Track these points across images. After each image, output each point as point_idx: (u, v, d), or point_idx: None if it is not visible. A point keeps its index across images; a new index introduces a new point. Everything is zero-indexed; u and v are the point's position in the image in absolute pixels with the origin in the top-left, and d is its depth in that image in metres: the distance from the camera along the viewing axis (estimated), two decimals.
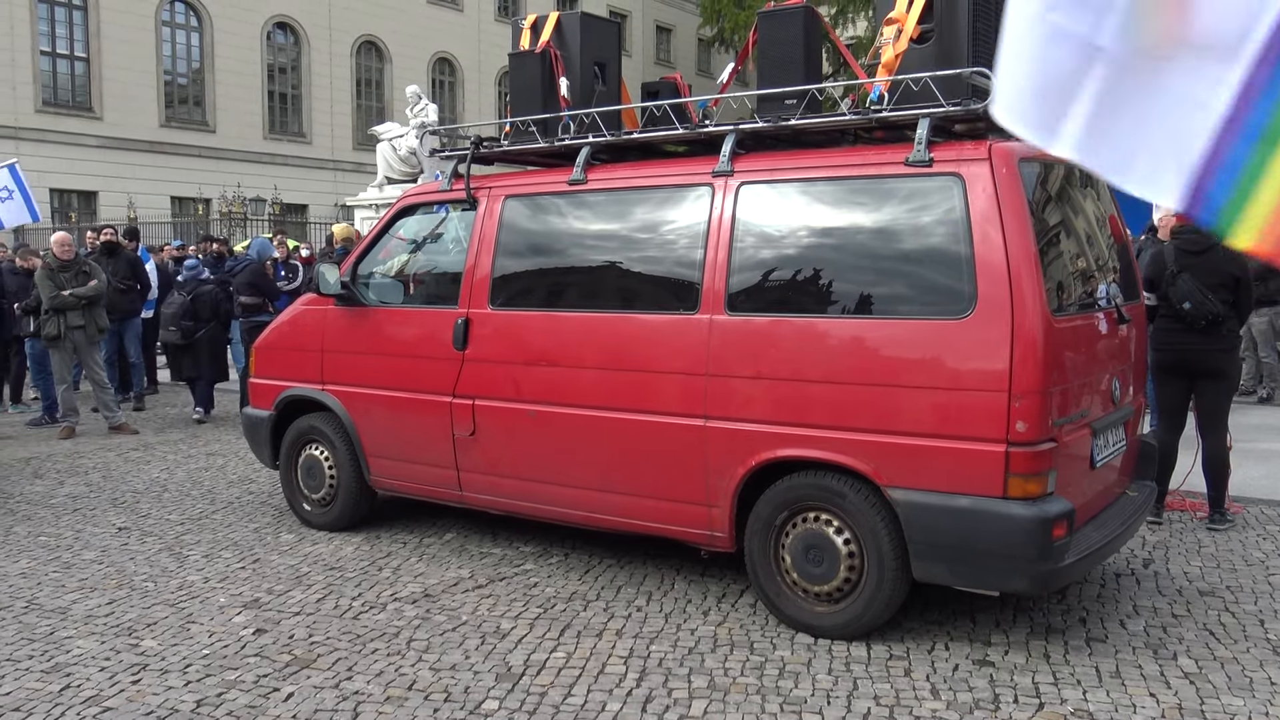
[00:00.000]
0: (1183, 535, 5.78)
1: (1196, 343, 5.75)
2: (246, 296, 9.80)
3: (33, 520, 6.36)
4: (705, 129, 4.87)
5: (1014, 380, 3.81)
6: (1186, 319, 5.70)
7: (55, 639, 4.35)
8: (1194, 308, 5.65)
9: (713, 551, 4.79)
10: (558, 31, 5.44)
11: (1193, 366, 5.81)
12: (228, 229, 20.84)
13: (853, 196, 4.32)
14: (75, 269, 9.37)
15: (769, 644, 4.24)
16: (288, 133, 32.44)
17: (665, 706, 3.66)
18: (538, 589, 4.94)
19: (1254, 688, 3.79)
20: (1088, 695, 3.73)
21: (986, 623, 4.44)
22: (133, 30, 28.02)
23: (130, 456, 8.43)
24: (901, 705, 3.66)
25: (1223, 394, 5.90)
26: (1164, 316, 5.82)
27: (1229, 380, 5.96)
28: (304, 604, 4.76)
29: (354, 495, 5.89)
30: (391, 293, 5.82)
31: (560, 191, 5.15)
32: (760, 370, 4.36)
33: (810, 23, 4.75)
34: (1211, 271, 5.69)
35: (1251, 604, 4.68)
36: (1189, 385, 5.89)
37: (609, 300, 4.92)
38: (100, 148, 27.39)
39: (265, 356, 6.28)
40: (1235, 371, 6.21)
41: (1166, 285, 5.74)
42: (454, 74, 37.46)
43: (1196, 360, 5.79)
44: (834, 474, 4.24)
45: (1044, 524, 3.79)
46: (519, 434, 5.10)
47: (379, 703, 3.72)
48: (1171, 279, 5.72)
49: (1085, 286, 4.59)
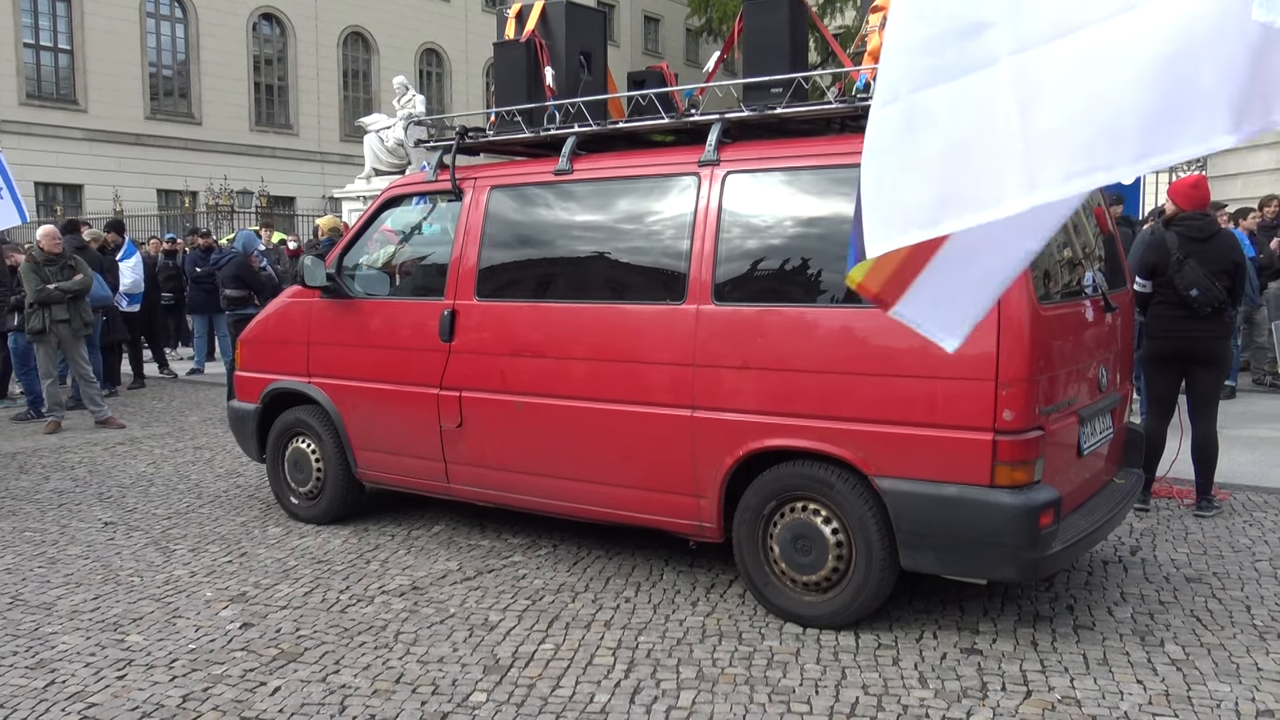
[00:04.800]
0: (1170, 522, 5.80)
1: (1198, 329, 5.72)
2: (232, 290, 9.76)
3: (18, 515, 6.32)
4: (691, 118, 4.85)
5: (1001, 368, 3.81)
6: (1193, 305, 5.66)
7: (40, 634, 4.33)
8: (1201, 294, 5.61)
9: (701, 542, 4.78)
10: (543, 21, 5.41)
11: (1190, 353, 5.78)
12: (215, 222, 20.72)
13: (839, 185, 4.30)
14: (61, 263, 9.31)
15: (757, 634, 4.24)
16: (274, 125, 32.29)
17: (654, 697, 3.65)
18: (526, 581, 4.93)
19: (1240, 673, 3.81)
20: (1075, 682, 3.74)
21: (974, 611, 4.44)
22: (117, 22, 27.83)
23: (117, 451, 8.39)
24: (890, 694, 3.66)
25: (1217, 380, 5.91)
26: (1163, 303, 5.78)
27: (1224, 366, 5.98)
28: (291, 597, 4.74)
29: (341, 488, 5.87)
30: (377, 284, 5.80)
31: (546, 182, 5.12)
32: (747, 360, 4.35)
33: (796, 11, 4.74)
34: (1216, 258, 5.68)
35: (1238, 590, 4.70)
36: (1182, 372, 5.89)
37: (595, 291, 4.90)
38: (85, 140, 27.23)
39: (251, 349, 6.25)
40: (1230, 357, 6.23)
41: (1172, 272, 5.68)
42: (441, 65, 37.30)
43: (1195, 347, 5.76)
44: (822, 463, 4.24)
45: (1031, 512, 3.79)
46: (506, 425, 5.08)
47: (366, 696, 3.70)
48: (1178, 265, 5.66)
49: (1072, 275, 4.58)
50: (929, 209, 2.57)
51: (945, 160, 2.54)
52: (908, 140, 2.60)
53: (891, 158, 2.64)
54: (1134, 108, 2.23)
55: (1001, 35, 2.43)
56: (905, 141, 2.61)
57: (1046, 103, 2.36)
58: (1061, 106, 2.34)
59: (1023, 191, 2.41)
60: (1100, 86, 2.28)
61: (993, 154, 2.45)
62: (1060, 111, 2.34)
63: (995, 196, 2.47)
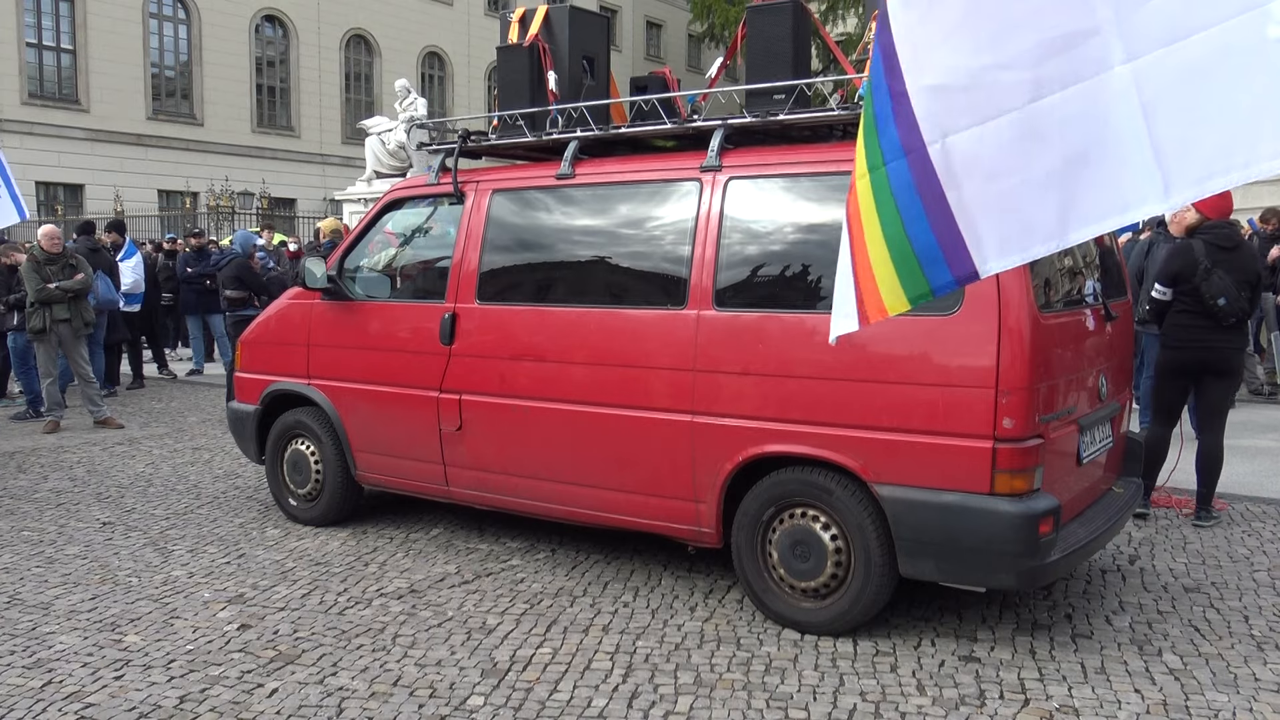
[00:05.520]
0: (1168, 532, 5.79)
1: (1218, 340, 5.67)
2: (232, 290, 9.75)
3: (16, 515, 6.31)
4: (693, 124, 4.86)
5: (1001, 376, 3.81)
6: (1218, 314, 5.59)
7: (37, 634, 4.32)
8: (1229, 303, 5.56)
9: (700, 547, 4.78)
10: (546, 25, 5.42)
11: (1208, 364, 5.72)
12: (215, 223, 20.74)
13: (840, 192, 4.28)
14: (62, 262, 9.32)
15: (755, 640, 4.23)
16: (276, 126, 32.32)
17: (651, 702, 3.65)
18: (524, 584, 4.92)
19: (1238, 683, 3.80)
20: (1073, 691, 3.74)
21: (973, 619, 4.44)
22: (119, 22, 27.87)
23: (115, 451, 8.38)
24: (887, 701, 3.66)
25: (1229, 391, 5.88)
26: (1184, 312, 5.70)
27: (1237, 377, 5.94)
28: (289, 599, 4.74)
29: (340, 490, 5.87)
30: (378, 287, 5.79)
31: (548, 186, 5.13)
32: (748, 366, 4.36)
33: (799, 18, 4.75)
34: (1240, 268, 5.64)
35: (1236, 600, 4.70)
36: (1194, 382, 5.84)
37: (596, 295, 4.90)
38: (87, 140, 27.25)
39: (251, 351, 6.25)
40: (1241, 368, 6.19)
41: (1200, 280, 5.60)
42: (443, 68, 37.34)
43: (1213, 358, 5.70)
44: (821, 470, 4.24)
45: (1030, 520, 3.79)
46: (506, 429, 5.08)
47: (364, 699, 3.70)
48: (1205, 274, 5.59)
49: (1072, 283, 4.59)
50: (1053, 221, 2.61)
51: (1064, 172, 2.57)
52: (1018, 157, 2.62)
53: (1004, 179, 2.65)
54: (1268, 106, 2.26)
55: (1110, 43, 2.45)
56: (1015, 159, 2.62)
57: (1172, 107, 2.39)
58: (1190, 110, 2.37)
59: (1159, 195, 2.46)
60: (1229, 87, 2.31)
61: (1118, 161, 2.49)
62: (1189, 115, 2.37)
63: (1126, 202, 2.52)
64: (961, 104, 2.67)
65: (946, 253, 2.79)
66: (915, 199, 2.80)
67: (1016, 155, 2.62)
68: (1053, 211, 2.61)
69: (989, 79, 2.63)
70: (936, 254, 2.81)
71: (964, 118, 2.66)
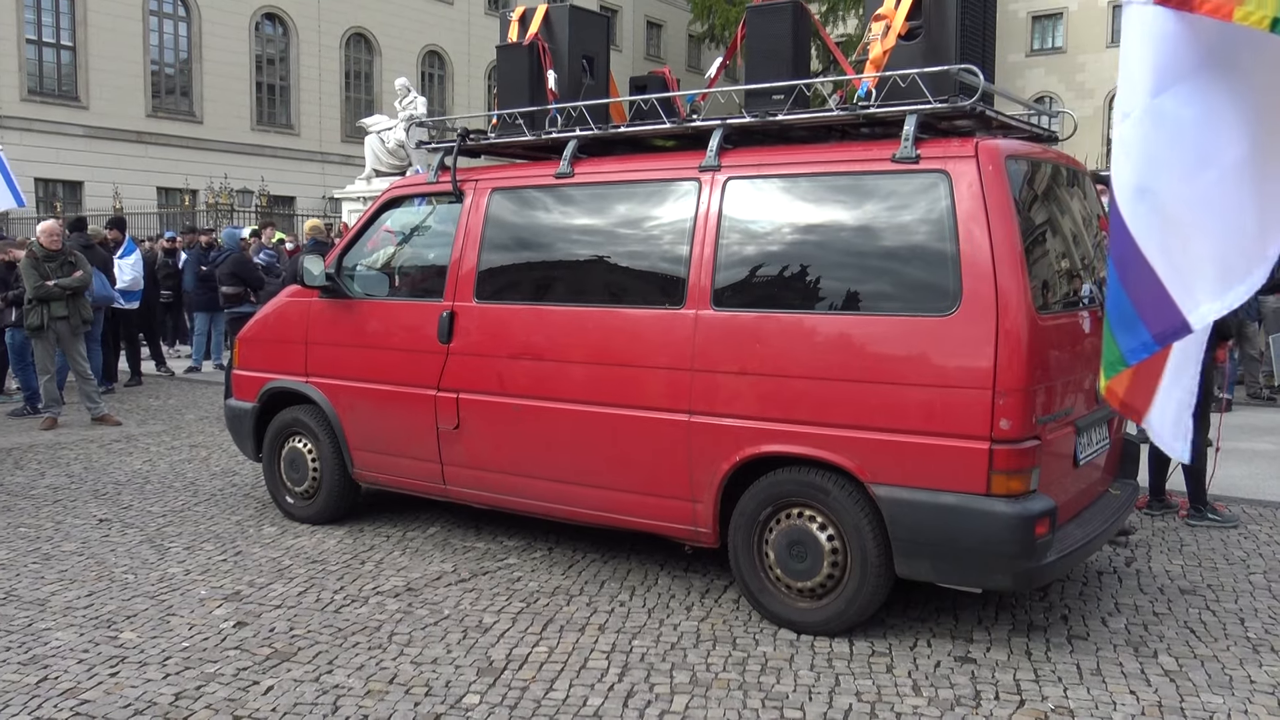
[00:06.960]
0: (1164, 534, 5.80)
1: None
2: (229, 287, 9.75)
3: (13, 511, 6.31)
4: (692, 124, 4.86)
5: (998, 378, 3.82)
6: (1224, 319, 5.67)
7: (33, 630, 4.32)
8: (1244, 311, 5.62)
9: (696, 547, 4.78)
10: (546, 24, 5.43)
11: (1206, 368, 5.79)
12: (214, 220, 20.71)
13: (839, 193, 4.31)
14: (61, 259, 9.31)
15: (751, 640, 4.24)
16: (275, 124, 32.29)
17: (647, 701, 3.65)
18: (521, 583, 4.92)
19: (1233, 685, 3.81)
20: (1069, 692, 3.74)
21: (969, 620, 4.44)
22: (119, 19, 27.84)
23: (112, 448, 8.38)
24: (883, 701, 3.66)
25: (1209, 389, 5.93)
26: None
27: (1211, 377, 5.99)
28: (285, 597, 4.74)
29: (337, 488, 5.87)
30: (376, 285, 5.79)
31: (546, 185, 5.13)
32: (745, 366, 4.36)
33: (799, 18, 4.75)
34: None
35: (1232, 602, 4.70)
36: None
37: (594, 295, 4.90)
38: (86, 137, 27.22)
39: (249, 348, 6.25)
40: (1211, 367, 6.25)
41: None
42: (443, 67, 37.33)
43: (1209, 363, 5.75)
44: (818, 470, 4.24)
45: (1027, 521, 3.80)
46: (503, 428, 5.08)
47: (359, 696, 3.70)
48: None
49: (1070, 285, 4.59)
50: (1213, 282, 2.95)
51: (1225, 234, 2.94)
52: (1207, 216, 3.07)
53: (1195, 234, 3.07)
54: None
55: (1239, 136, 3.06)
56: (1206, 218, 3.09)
57: None
58: None
59: (1261, 265, 3.00)
60: None
61: (1240, 231, 2.83)
62: None
63: (1248, 269, 2.85)
64: (1189, 152, 3.23)
65: (1117, 335, 3.04)
66: None
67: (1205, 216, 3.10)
68: (1213, 272, 3.11)
69: None
70: (1114, 337, 3.07)
71: (1178, 168, 3.23)
